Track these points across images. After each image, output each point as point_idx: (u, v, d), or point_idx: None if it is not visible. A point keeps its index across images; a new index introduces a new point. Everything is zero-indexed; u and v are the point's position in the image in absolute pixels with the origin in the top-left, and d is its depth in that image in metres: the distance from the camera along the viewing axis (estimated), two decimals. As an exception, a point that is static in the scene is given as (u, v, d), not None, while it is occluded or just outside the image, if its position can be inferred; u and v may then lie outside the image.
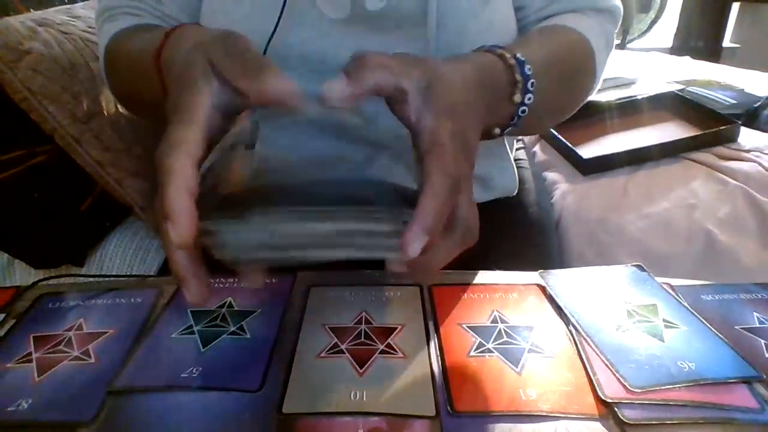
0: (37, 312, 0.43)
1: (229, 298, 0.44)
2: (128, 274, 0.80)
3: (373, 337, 0.39)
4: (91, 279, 0.51)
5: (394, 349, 0.38)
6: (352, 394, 0.34)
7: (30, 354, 0.38)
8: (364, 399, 0.34)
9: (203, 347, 0.38)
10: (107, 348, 0.39)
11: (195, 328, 0.40)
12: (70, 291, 0.46)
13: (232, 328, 0.40)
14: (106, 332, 0.41)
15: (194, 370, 0.36)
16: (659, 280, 0.45)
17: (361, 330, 0.40)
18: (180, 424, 0.33)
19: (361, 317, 0.41)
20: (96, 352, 0.39)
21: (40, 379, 0.36)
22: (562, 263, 0.79)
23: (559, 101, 0.53)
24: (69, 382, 0.36)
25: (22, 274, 0.82)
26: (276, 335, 0.40)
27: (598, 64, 0.55)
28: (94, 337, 0.40)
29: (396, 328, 0.40)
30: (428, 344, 0.39)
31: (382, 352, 0.38)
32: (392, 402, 0.33)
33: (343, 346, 0.38)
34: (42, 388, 0.35)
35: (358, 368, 0.36)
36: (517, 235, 0.65)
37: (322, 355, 0.38)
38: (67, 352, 0.38)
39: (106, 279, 0.49)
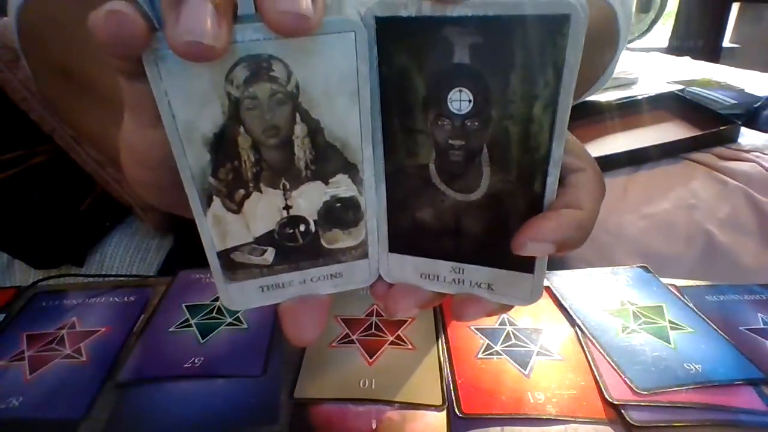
0: (32, 311, 0.44)
1: None
2: (128, 274, 0.79)
3: (384, 329, 0.40)
4: (91, 279, 0.50)
5: (404, 341, 0.39)
6: (361, 382, 0.35)
7: (23, 352, 0.39)
8: (373, 387, 0.35)
9: (202, 339, 0.39)
10: (99, 346, 0.39)
11: (192, 321, 0.41)
12: (64, 290, 0.46)
13: (229, 320, 0.41)
14: (98, 330, 0.41)
15: (196, 360, 0.37)
16: (665, 281, 0.45)
17: (372, 321, 0.41)
18: (188, 412, 0.33)
19: (373, 309, 0.42)
20: (88, 350, 0.39)
21: (32, 377, 0.36)
22: (561, 263, 0.79)
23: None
24: (60, 380, 0.36)
25: (22, 274, 0.81)
26: (273, 323, 0.40)
27: (620, 36, 0.51)
28: (87, 336, 0.40)
29: (406, 321, 0.41)
30: (437, 337, 0.39)
31: (392, 343, 0.39)
32: (400, 391, 0.34)
33: (354, 337, 0.39)
34: (33, 386, 0.36)
35: (368, 357, 0.37)
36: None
37: (334, 344, 0.39)
38: (59, 350, 0.39)
39: (104, 279, 0.49)
